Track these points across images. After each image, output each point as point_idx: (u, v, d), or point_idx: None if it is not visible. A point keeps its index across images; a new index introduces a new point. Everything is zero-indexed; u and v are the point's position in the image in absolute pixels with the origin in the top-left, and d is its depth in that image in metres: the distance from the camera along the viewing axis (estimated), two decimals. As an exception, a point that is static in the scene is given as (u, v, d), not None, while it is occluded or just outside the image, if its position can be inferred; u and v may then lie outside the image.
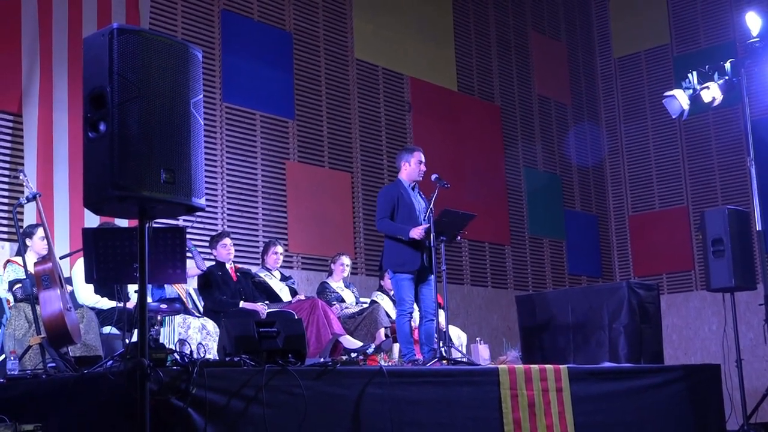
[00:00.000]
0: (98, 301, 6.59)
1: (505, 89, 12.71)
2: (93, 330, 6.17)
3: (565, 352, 7.36)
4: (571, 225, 13.23)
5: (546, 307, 7.67)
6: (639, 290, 7.30)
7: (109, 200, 3.58)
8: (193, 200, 3.74)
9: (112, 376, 3.86)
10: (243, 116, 9.36)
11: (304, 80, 10.04)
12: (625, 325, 7.10)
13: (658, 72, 13.50)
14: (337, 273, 8.57)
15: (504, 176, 12.34)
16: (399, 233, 6.72)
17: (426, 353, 6.62)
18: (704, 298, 12.32)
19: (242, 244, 8.89)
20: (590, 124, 14.00)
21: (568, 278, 13.00)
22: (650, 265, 13.22)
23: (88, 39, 3.74)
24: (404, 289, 6.71)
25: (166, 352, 4.10)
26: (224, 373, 4.05)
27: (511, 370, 5.43)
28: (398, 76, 11.17)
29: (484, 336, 10.00)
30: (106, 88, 3.56)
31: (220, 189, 8.99)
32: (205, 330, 6.81)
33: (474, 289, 11.51)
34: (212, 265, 7.70)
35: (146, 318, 3.69)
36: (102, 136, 3.57)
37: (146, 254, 3.72)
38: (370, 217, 9.96)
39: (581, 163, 13.66)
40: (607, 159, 14.03)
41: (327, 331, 7.42)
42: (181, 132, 3.71)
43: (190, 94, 3.78)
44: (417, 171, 6.93)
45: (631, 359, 6.97)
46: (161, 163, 3.61)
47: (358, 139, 10.49)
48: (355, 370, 4.73)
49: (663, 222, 13.17)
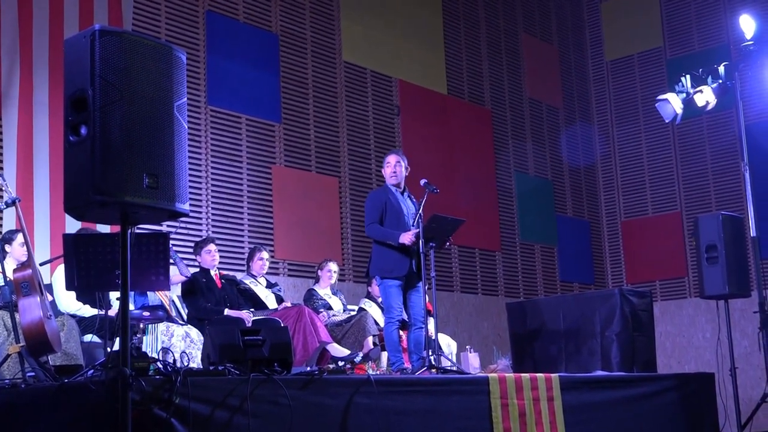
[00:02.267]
0: (79, 308, 6.56)
1: (496, 92, 12.74)
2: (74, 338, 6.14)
3: (556, 360, 7.36)
4: (563, 231, 13.26)
5: (537, 315, 7.68)
6: (632, 297, 7.31)
7: (90, 205, 3.57)
8: (176, 205, 3.74)
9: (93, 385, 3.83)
10: (228, 120, 9.35)
11: (291, 83, 10.04)
12: (618, 333, 7.11)
13: (651, 75, 13.57)
14: (324, 280, 8.56)
15: (495, 181, 12.36)
16: (389, 238, 6.72)
17: (415, 362, 6.61)
18: (698, 306, 12.37)
19: (227, 250, 8.87)
20: (582, 128, 14.05)
21: (560, 285, 13.02)
22: (643, 271, 13.26)
23: (70, 40, 3.74)
24: (392, 295, 6.71)
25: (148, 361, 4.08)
26: (208, 383, 4.04)
27: (502, 379, 5.44)
28: (387, 78, 11.18)
29: (474, 344, 10.01)
30: (87, 91, 3.56)
31: (204, 194, 8.97)
32: (188, 338, 6.79)
33: (464, 296, 11.52)
34: (196, 272, 7.68)
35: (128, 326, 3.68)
36: (83, 140, 3.57)
37: (128, 261, 3.71)
38: (357, 222, 9.96)
39: (573, 168, 13.70)
40: (599, 163, 14.07)
41: (314, 339, 7.41)
42: (164, 136, 3.71)
43: (174, 97, 3.78)
44: (388, 174, 6.95)
45: (624, 368, 6.99)
46: (144, 168, 3.61)
47: (345, 143, 10.49)
48: (343, 379, 4.73)
49: (656, 228, 13.22)
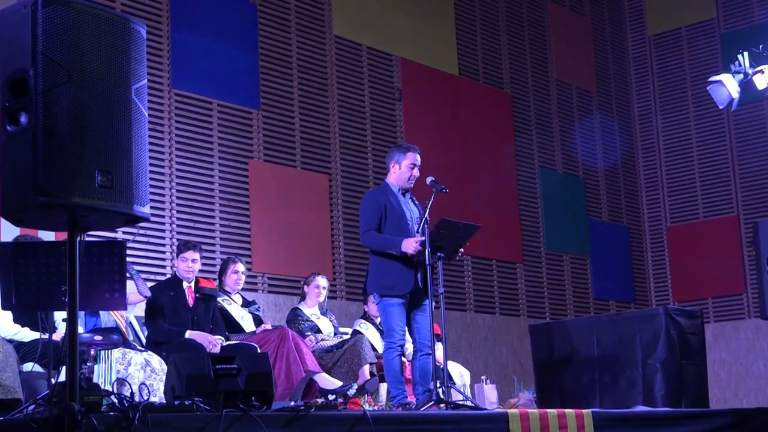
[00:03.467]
0: (17, 332, 6.55)
1: (517, 73, 12.76)
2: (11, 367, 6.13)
3: (589, 393, 7.37)
4: (597, 238, 13.27)
5: (566, 339, 7.69)
6: (679, 318, 7.32)
7: (31, 208, 3.57)
8: (134, 208, 3.75)
9: (34, 424, 3.83)
10: (196, 106, 9.36)
11: (272, 62, 10.05)
12: (663, 361, 7.12)
13: (702, 53, 13.59)
14: (312, 297, 8.56)
15: (515, 179, 12.37)
16: (388, 247, 6.72)
17: (420, 395, 6.62)
18: (759, 328, 12.37)
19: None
20: (620, 116, 14.06)
21: (594, 303, 13.03)
22: (693, 287, 13.27)
23: (6, 12, 3.75)
24: (394, 316, 6.70)
25: (101, 395, 4.09)
26: (173, 420, 4.03)
27: (524, 415, 5.44)
28: (386, 57, 11.19)
29: (491, 374, 10.01)
30: (28, 72, 3.57)
31: (168, 194, 8.97)
32: (149, 367, 6.79)
33: (479, 317, 11.52)
34: (163, 281, 7.68)
35: (77, 352, 3.67)
36: (23, 130, 3.57)
37: (77, 274, 3.71)
38: (352, 228, 9.97)
39: (609, 164, 13.71)
40: (640, 158, 14.09)
41: (299, 367, 7.41)
42: (120, 125, 3.72)
43: (131, 79, 3.79)
44: (407, 177, 6.92)
45: (670, 402, 7.00)
46: (96, 163, 3.62)
47: (337, 133, 10.50)
48: (334, 415, 4.73)
49: (708, 235, 13.23)
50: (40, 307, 5.54)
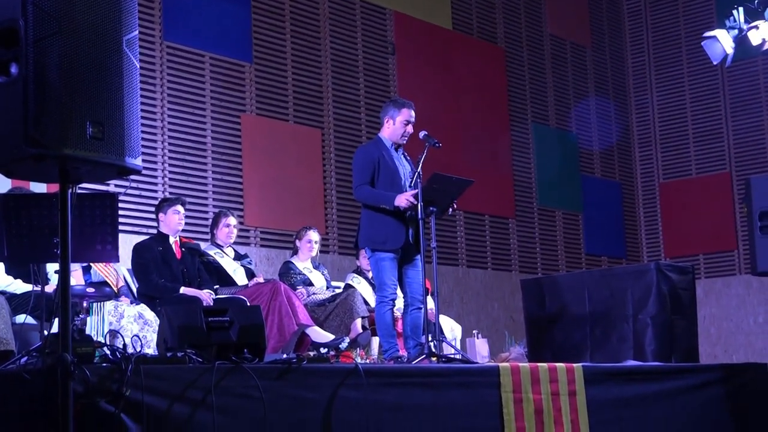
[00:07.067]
0: (10, 283, 6.56)
1: (511, 28, 12.69)
2: (3, 319, 6.15)
3: (580, 348, 7.41)
4: (590, 194, 13.29)
5: (558, 294, 7.71)
6: (671, 274, 7.34)
7: (22, 160, 3.56)
8: (126, 160, 3.73)
9: (27, 375, 3.85)
10: (188, 58, 9.31)
11: (264, 15, 9.99)
12: (654, 316, 7.15)
13: (696, 7, 13.52)
14: (304, 251, 8.58)
15: (509, 134, 12.35)
16: (382, 202, 6.71)
17: (412, 349, 6.65)
18: (749, 284, 12.43)
19: (187, 215, 8.84)
20: (614, 71, 14.01)
21: (585, 259, 13.08)
22: (685, 243, 13.31)
23: (-4, -40, 3.71)
24: (385, 271, 6.72)
25: (93, 346, 4.09)
26: (165, 372, 4.05)
27: (515, 369, 5.47)
28: (380, 10, 11.12)
29: (482, 329, 10.06)
30: (18, 22, 3.53)
31: (160, 147, 8.95)
32: (142, 319, 6.82)
33: (471, 272, 11.56)
34: (150, 237, 7.68)
35: (69, 304, 3.68)
36: (13, 81, 3.55)
37: (69, 226, 3.70)
38: (344, 183, 9.97)
39: (602, 119, 13.69)
40: (633, 114, 14.07)
41: (291, 321, 7.44)
42: (111, 76, 3.69)
43: (122, 30, 3.75)
44: (401, 133, 6.91)
45: (661, 357, 7.03)
46: (87, 115, 3.60)
47: (330, 87, 10.46)
48: (326, 368, 4.74)
49: (701, 191, 13.25)
50: (32, 260, 5.55)
